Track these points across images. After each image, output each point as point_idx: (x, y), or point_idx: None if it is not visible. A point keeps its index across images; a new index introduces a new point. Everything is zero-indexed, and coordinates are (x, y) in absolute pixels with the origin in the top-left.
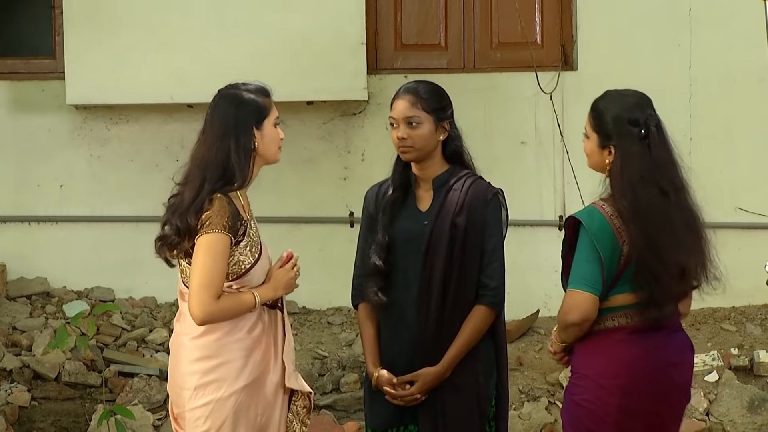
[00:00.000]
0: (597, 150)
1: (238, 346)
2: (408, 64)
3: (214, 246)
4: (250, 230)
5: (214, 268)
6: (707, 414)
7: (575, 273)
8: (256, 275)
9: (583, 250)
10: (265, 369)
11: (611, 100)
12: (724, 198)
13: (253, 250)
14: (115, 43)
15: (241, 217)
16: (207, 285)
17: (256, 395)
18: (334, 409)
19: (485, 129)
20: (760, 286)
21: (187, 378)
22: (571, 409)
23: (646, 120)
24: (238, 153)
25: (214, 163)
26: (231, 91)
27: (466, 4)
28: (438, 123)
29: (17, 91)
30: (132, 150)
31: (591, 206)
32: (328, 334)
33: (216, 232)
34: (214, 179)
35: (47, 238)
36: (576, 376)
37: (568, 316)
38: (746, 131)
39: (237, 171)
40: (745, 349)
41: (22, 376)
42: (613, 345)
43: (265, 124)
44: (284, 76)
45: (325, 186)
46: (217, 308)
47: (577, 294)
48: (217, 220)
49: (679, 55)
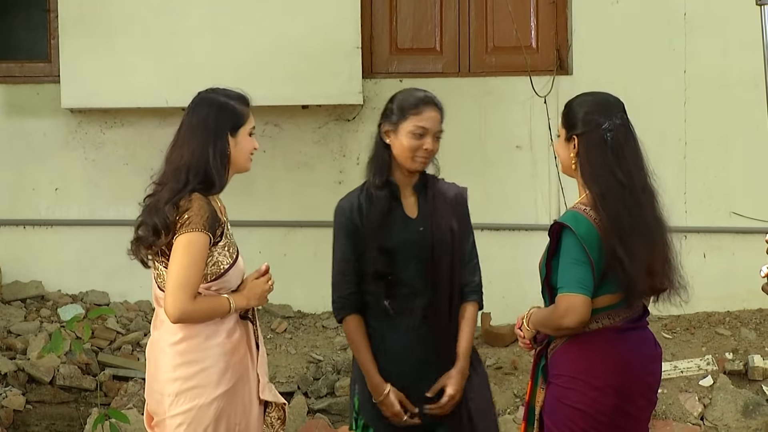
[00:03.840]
0: (563, 146)
1: (217, 351)
2: (403, 69)
3: (193, 245)
4: (227, 231)
5: (192, 267)
6: (702, 418)
7: (567, 276)
8: (234, 277)
9: (572, 253)
10: (243, 375)
11: (582, 97)
12: (719, 202)
13: (231, 251)
14: (110, 47)
15: (219, 218)
16: (184, 284)
17: (234, 401)
18: (328, 413)
19: (480, 133)
20: (754, 291)
21: (168, 384)
22: (561, 413)
23: (613, 117)
24: (216, 157)
25: (196, 166)
26: (211, 95)
27: (461, 8)
28: None
29: (12, 95)
30: (127, 153)
31: (573, 211)
32: (323, 338)
33: (195, 231)
34: (195, 181)
35: (42, 241)
36: (563, 380)
37: (564, 320)
38: (741, 136)
39: (216, 175)
40: (740, 353)
41: (16, 380)
42: (602, 346)
43: (241, 132)
44: (279, 80)
45: (320, 190)
46: (192, 308)
47: (572, 297)
48: (196, 220)
49: (674, 60)
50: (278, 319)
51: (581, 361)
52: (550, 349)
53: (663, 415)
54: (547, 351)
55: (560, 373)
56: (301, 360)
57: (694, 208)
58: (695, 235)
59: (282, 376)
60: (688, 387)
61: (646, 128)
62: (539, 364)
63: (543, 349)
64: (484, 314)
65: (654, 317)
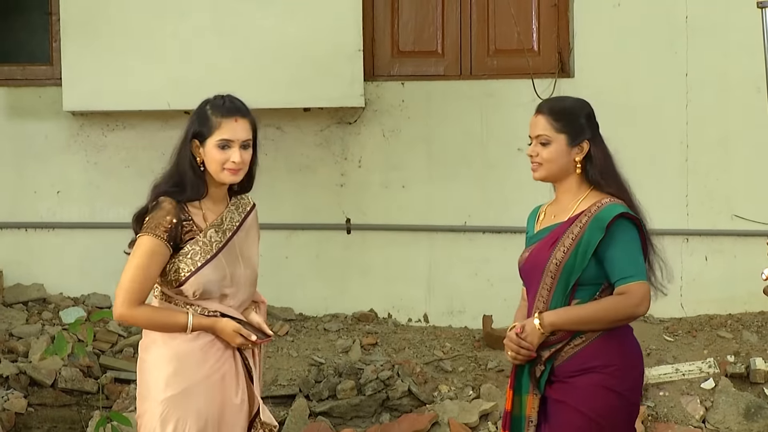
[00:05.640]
0: (565, 151)
1: (168, 354)
2: (405, 71)
3: (140, 248)
4: (202, 239)
5: (137, 270)
6: (703, 421)
7: (637, 265)
8: (196, 287)
9: (637, 242)
10: (202, 382)
11: (570, 101)
12: (721, 205)
13: (196, 259)
14: (112, 49)
15: (191, 225)
16: (126, 287)
17: (183, 406)
18: (330, 415)
19: (481, 136)
20: (756, 294)
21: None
22: (607, 402)
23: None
24: (183, 163)
25: (170, 170)
26: (203, 101)
27: (463, 11)
28: None
29: (14, 98)
30: (129, 156)
31: (615, 203)
32: (325, 341)
33: (146, 235)
34: (167, 185)
35: (44, 244)
36: (612, 369)
37: (640, 308)
38: (743, 139)
39: (186, 181)
40: (742, 356)
41: (18, 383)
42: (631, 335)
43: (207, 142)
44: (281, 83)
45: (321, 193)
46: (131, 313)
47: (646, 285)
48: (151, 223)
49: (676, 63)
50: (280, 322)
51: (623, 349)
52: (575, 345)
53: (664, 418)
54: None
55: (606, 363)
56: (303, 363)
57: (696, 210)
58: (697, 238)
59: (283, 378)
60: (689, 390)
61: (648, 131)
62: (544, 370)
63: (551, 355)
64: (485, 317)
65: (656, 320)
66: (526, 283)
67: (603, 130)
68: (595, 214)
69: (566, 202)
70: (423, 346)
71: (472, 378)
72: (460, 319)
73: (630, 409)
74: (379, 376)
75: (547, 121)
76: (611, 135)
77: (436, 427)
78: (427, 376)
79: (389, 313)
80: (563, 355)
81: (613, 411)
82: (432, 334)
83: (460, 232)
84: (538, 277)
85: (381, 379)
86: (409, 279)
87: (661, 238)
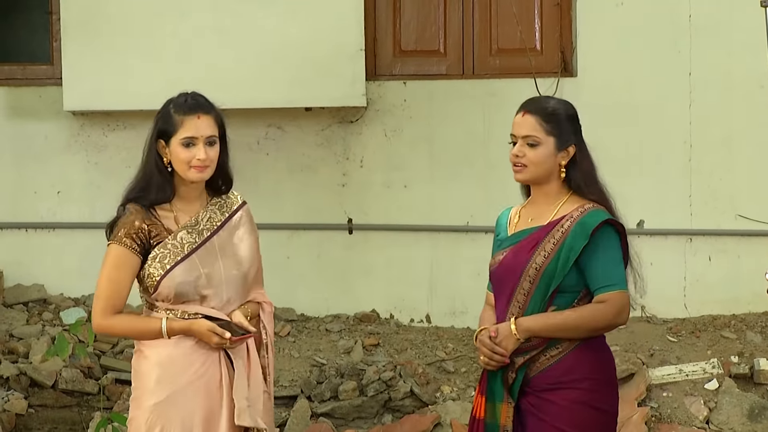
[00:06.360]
0: (552, 154)
1: (153, 360)
2: (407, 71)
3: (109, 257)
4: (171, 241)
5: (105, 279)
6: (707, 422)
7: (619, 273)
8: (170, 289)
9: (618, 250)
10: (186, 388)
11: (556, 102)
12: (724, 205)
13: (165, 262)
14: (113, 49)
15: (159, 229)
16: (97, 296)
17: (167, 414)
18: (332, 416)
19: (484, 135)
20: (760, 294)
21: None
22: (590, 418)
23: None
24: (148, 165)
25: (138, 175)
26: (167, 101)
27: (465, 10)
28: None
29: (14, 97)
30: (129, 157)
31: (599, 209)
32: (326, 342)
33: (112, 243)
34: (135, 191)
35: (44, 244)
36: (590, 383)
37: (620, 318)
38: (746, 138)
39: (152, 184)
40: (746, 357)
41: (18, 384)
42: (606, 346)
43: (172, 141)
44: (282, 82)
45: (323, 192)
46: (106, 323)
47: (626, 295)
48: (118, 232)
49: (679, 62)
50: (281, 323)
51: (599, 363)
52: (551, 357)
53: (668, 419)
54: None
55: (583, 377)
56: (305, 364)
57: (699, 210)
58: (700, 238)
59: (285, 379)
60: (693, 390)
61: (651, 131)
62: (516, 378)
63: (524, 362)
64: None
65: (659, 320)
66: (498, 287)
67: (605, 129)
68: (579, 219)
69: (544, 206)
70: (425, 346)
71: (474, 379)
72: (463, 319)
73: (609, 420)
74: (381, 376)
75: (537, 122)
76: (613, 134)
77: (439, 428)
78: (430, 377)
79: (391, 314)
80: (538, 366)
81: (594, 427)
82: (434, 334)
83: (463, 232)
84: (514, 281)
85: (383, 380)
86: (411, 279)
87: (665, 237)
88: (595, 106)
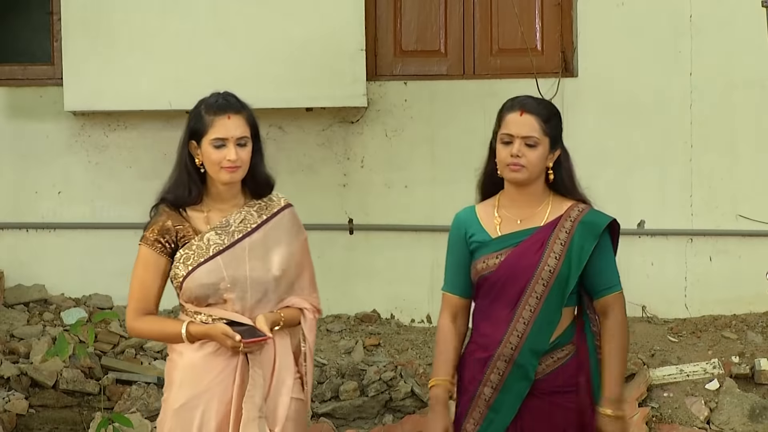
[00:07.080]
0: (545, 154)
1: (171, 365)
2: (407, 71)
3: (138, 258)
4: (197, 242)
5: (135, 280)
6: (708, 422)
7: (617, 273)
8: (189, 290)
9: (612, 250)
10: (202, 395)
11: (547, 102)
12: (725, 205)
13: (188, 263)
14: (114, 49)
15: (187, 229)
16: (129, 298)
17: (184, 420)
18: (333, 417)
19: (485, 136)
20: (761, 294)
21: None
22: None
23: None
24: (180, 165)
25: (171, 174)
26: (199, 101)
27: (466, 10)
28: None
29: (15, 98)
30: (130, 157)
31: (595, 209)
32: (327, 342)
33: (142, 244)
34: (166, 191)
35: (45, 244)
36: (591, 387)
37: (626, 316)
38: (747, 138)
39: (181, 184)
40: (746, 357)
41: (19, 384)
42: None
43: (203, 142)
44: (283, 82)
45: (324, 193)
46: (135, 325)
47: (623, 294)
48: (145, 233)
49: (680, 62)
50: None
51: (585, 366)
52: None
53: (669, 419)
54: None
55: (587, 379)
56: None
57: (700, 210)
58: (701, 238)
59: None
60: (694, 391)
61: (652, 131)
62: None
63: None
64: None
65: (660, 320)
66: (497, 290)
67: (606, 129)
68: (581, 219)
69: (529, 208)
70: (426, 346)
71: None
72: None
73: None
74: (382, 377)
75: (537, 122)
76: (614, 134)
77: None
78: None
79: (392, 314)
80: (545, 369)
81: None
82: (435, 334)
83: None
84: (521, 284)
85: (384, 380)
86: (412, 279)
87: (666, 238)
88: (596, 106)
